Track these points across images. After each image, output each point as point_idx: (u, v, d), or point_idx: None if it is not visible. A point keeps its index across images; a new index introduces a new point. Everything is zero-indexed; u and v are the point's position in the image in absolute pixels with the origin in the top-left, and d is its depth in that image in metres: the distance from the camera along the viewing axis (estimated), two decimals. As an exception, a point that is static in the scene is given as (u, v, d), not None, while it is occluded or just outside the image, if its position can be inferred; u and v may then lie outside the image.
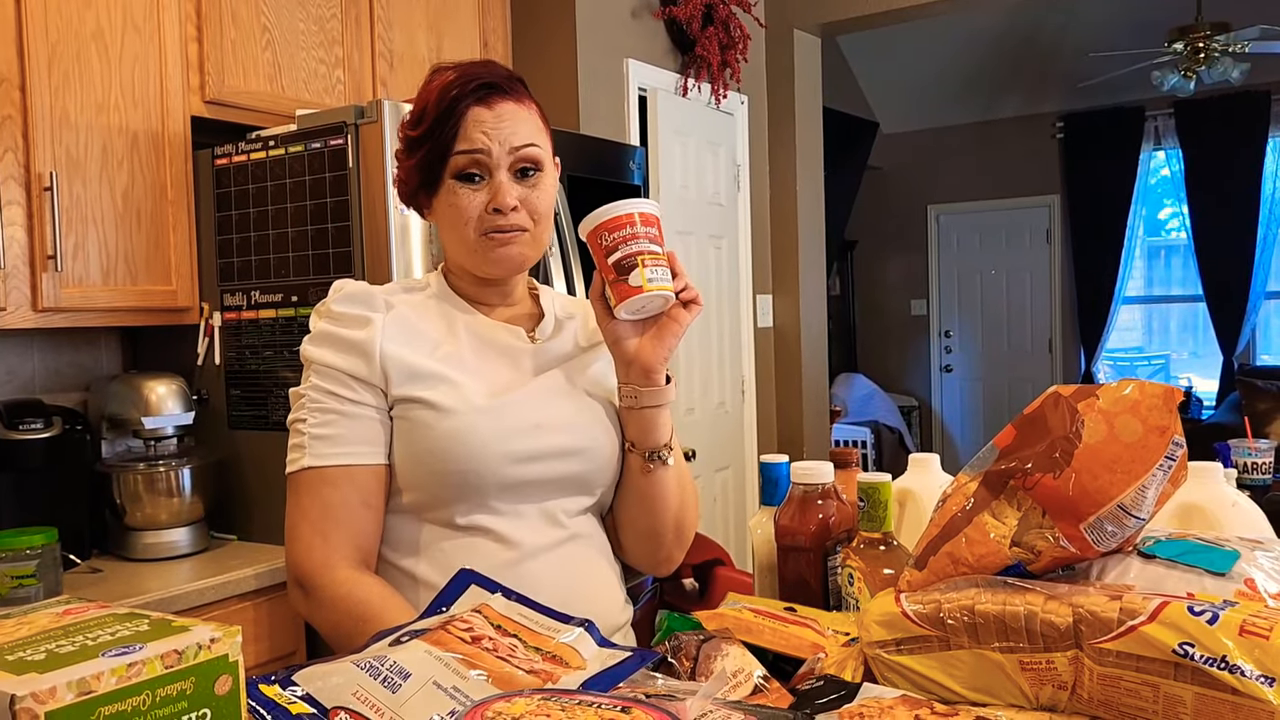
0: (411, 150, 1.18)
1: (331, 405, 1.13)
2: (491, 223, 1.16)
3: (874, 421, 6.65)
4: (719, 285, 3.71)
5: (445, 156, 1.15)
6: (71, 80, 2.02)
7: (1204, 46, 5.11)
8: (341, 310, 1.16)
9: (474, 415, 1.13)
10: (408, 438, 1.13)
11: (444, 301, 1.23)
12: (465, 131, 1.15)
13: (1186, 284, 6.87)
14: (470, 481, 1.12)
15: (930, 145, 7.36)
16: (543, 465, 1.16)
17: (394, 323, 1.16)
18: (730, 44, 3.64)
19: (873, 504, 1.15)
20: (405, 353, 1.14)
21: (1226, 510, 1.08)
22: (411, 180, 1.19)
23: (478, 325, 1.21)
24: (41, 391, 2.26)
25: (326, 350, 1.15)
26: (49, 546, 1.85)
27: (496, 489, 1.13)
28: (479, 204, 1.16)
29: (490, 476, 1.12)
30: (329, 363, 1.14)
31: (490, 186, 1.16)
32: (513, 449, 1.13)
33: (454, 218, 1.17)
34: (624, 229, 1.10)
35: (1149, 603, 0.77)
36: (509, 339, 1.22)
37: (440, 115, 1.15)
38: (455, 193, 1.16)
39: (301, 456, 1.13)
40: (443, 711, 0.73)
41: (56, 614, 0.66)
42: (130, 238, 2.13)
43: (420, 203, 1.22)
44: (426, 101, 1.16)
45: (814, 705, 0.84)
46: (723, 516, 3.69)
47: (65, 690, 0.54)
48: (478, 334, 1.20)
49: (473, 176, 1.16)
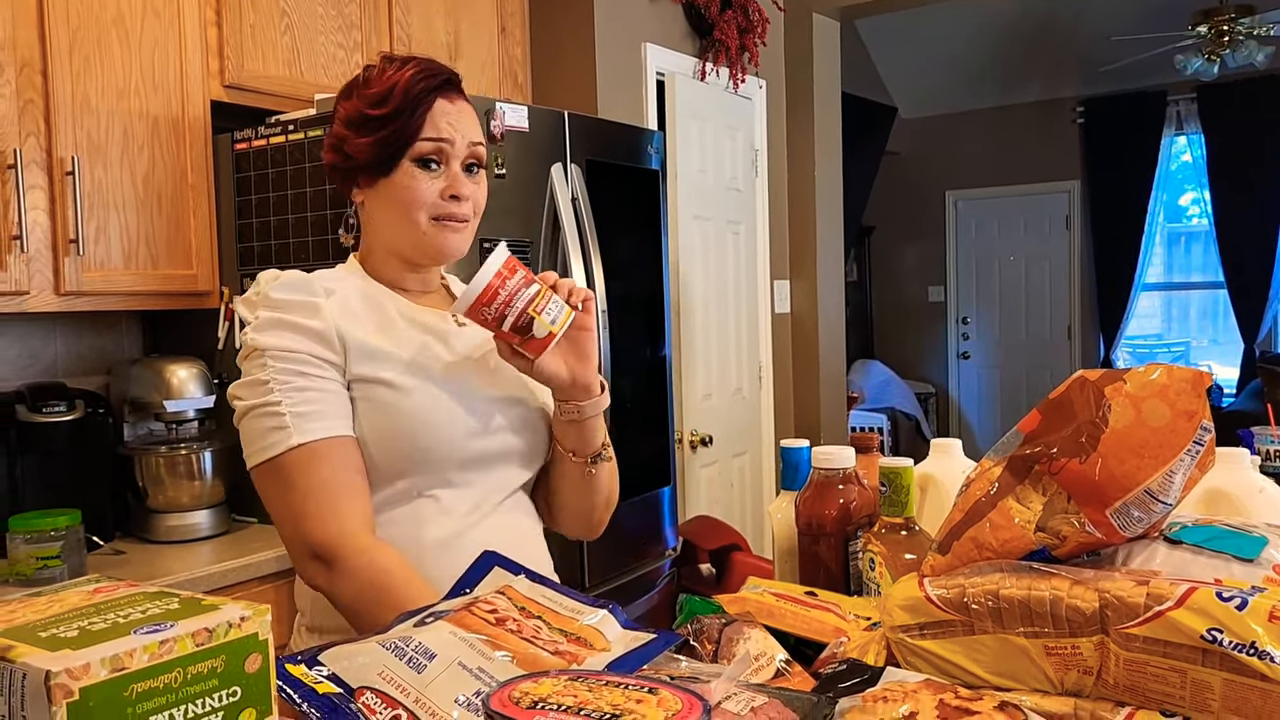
0: (369, 129, 1.19)
1: (303, 384, 1.13)
2: (445, 209, 1.20)
3: (891, 408, 6.63)
4: (736, 271, 3.69)
5: (409, 141, 1.18)
6: (93, 65, 2.03)
7: (1228, 29, 5.04)
8: (285, 297, 1.17)
9: (430, 393, 1.17)
10: (370, 417, 1.16)
11: (368, 288, 1.24)
12: (432, 120, 1.19)
13: (1207, 270, 6.80)
14: (432, 457, 1.17)
15: (949, 130, 7.31)
16: (497, 439, 1.22)
17: (338, 304, 1.18)
18: (749, 28, 3.62)
19: (895, 489, 1.15)
20: (356, 331, 1.17)
21: (1253, 496, 1.07)
22: (362, 157, 1.20)
23: (405, 309, 1.24)
24: (64, 375, 2.28)
25: (281, 334, 1.15)
26: (73, 528, 1.87)
27: (456, 463, 1.18)
28: (434, 190, 1.19)
29: (452, 451, 1.17)
30: (288, 347, 1.14)
31: (446, 175, 1.20)
32: (470, 425, 1.19)
33: (406, 200, 1.19)
34: (498, 295, 1.09)
35: (1176, 588, 0.77)
36: (436, 321, 1.25)
37: (409, 101, 1.18)
38: (413, 176, 1.19)
39: (287, 437, 1.12)
40: (468, 692, 0.73)
41: (87, 592, 0.67)
42: (151, 222, 2.14)
43: (359, 182, 1.23)
44: (393, 85, 1.18)
45: (836, 689, 0.84)
46: (739, 502, 3.69)
47: (99, 667, 0.55)
48: (409, 317, 1.23)
49: (430, 163, 1.19)
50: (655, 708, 0.59)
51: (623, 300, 2.56)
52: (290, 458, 1.12)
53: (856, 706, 0.79)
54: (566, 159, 2.41)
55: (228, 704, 0.60)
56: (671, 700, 0.60)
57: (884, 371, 7.05)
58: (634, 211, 2.74)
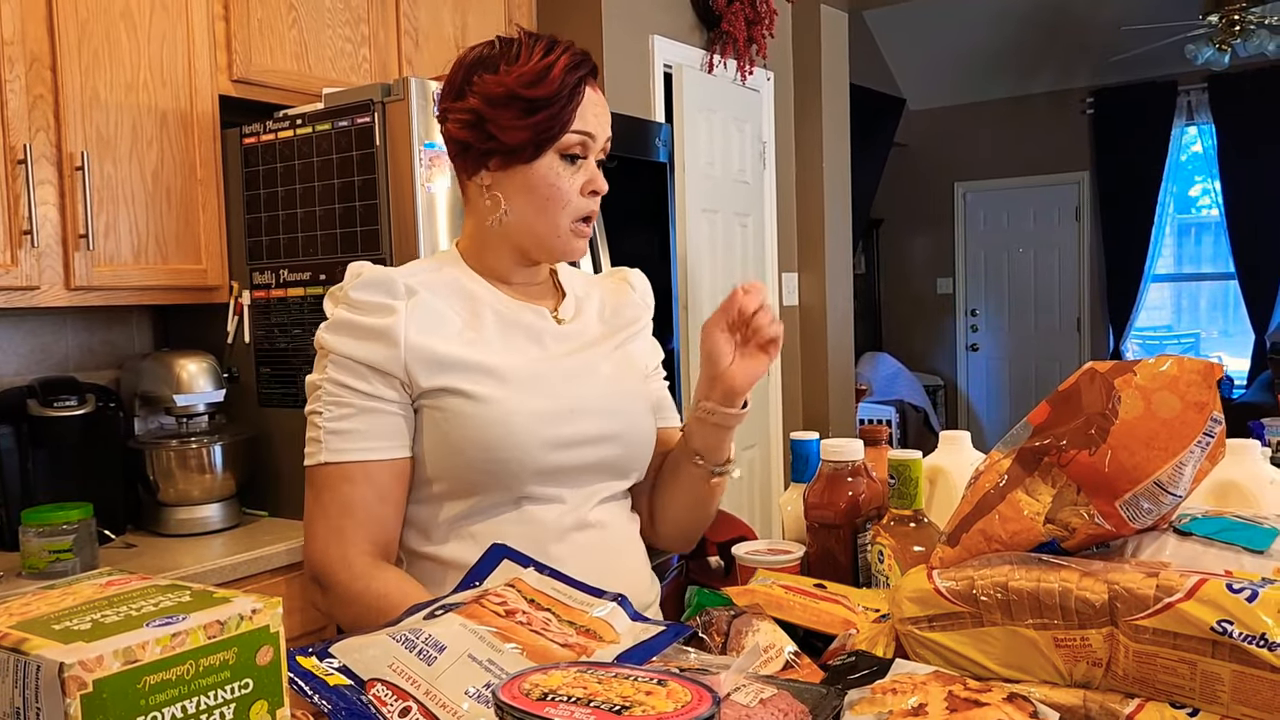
0: (522, 110, 1.11)
1: (348, 399, 1.10)
2: (587, 207, 1.16)
3: (899, 400, 6.62)
4: (744, 263, 3.69)
5: (561, 130, 1.12)
6: (101, 59, 2.03)
7: (1240, 19, 5.01)
8: (362, 298, 1.11)
9: (510, 402, 1.10)
10: (442, 428, 1.10)
11: (465, 280, 1.18)
12: (582, 112, 1.13)
13: (1217, 262, 6.77)
14: (510, 469, 1.10)
15: (957, 121, 7.28)
16: (580, 451, 1.15)
17: (417, 309, 1.11)
18: (756, 19, 3.61)
19: (903, 481, 1.15)
20: (432, 341, 1.11)
21: (1264, 488, 1.06)
22: (511, 139, 1.12)
23: (502, 305, 1.18)
24: (75, 369, 2.29)
25: (346, 339, 1.11)
26: (85, 521, 1.88)
27: (534, 475, 1.12)
28: (577, 185, 1.15)
29: (529, 464, 1.11)
30: (348, 353, 1.10)
31: (586, 169, 1.16)
32: (550, 435, 1.12)
33: (549, 195, 1.14)
34: None
35: (1186, 580, 0.77)
36: (534, 319, 1.19)
37: (565, 87, 1.11)
38: (556, 171, 1.13)
39: (318, 451, 1.10)
40: (478, 684, 0.74)
41: (100, 585, 0.67)
42: (160, 216, 2.15)
43: (492, 164, 1.15)
44: (549, 67, 1.11)
45: (846, 680, 0.84)
46: (749, 494, 3.69)
47: (112, 659, 0.55)
48: (502, 315, 1.17)
49: (574, 158, 1.15)
50: (665, 699, 0.59)
51: (631, 293, 2.56)
52: (318, 473, 1.11)
53: (865, 698, 0.79)
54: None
55: (239, 696, 0.60)
56: (681, 692, 0.60)
57: (892, 364, 7.03)
58: (642, 204, 2.73)
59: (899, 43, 6.84)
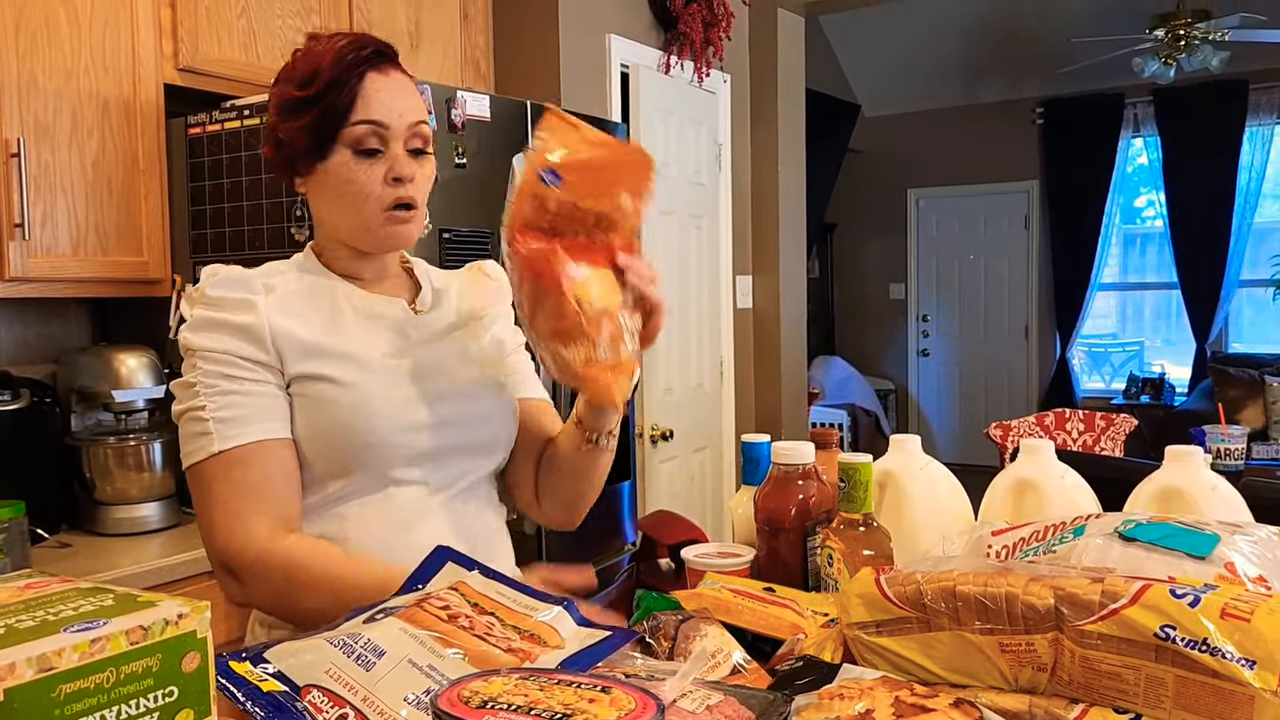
0: (298, 112, 1.12)
1: (229, 387, 1.10)
2: (391, 195, 1.13)
3: (851, 404, 6.67)
4: (699, 265, 3.69)
5: (341, 122, 1.11)
6: (40, 44, 1.97)
7: (1185, 34, 5.13)
8: (219, 295, 1.12)
9: (371, 388, 1.13)
10: (310, 414, 1.12)
11: (319, 278, 1.19)
12: (364, 98, 1.12)
13: (1161, 271, 6.92)
14: (374, 453, 1.13)
15: (911, 129, 7.36)
16: (443, 433, 1.17)
17: (276, 302, 1.13)
18: (713, 21, 3.60)
19: (853, 485, 1.15)
20: (295, 328, 1.12)
21: (1206, 494, 1.08)
22: (298, 144, 1.13)
23: (358, 299, 1.19)
24: (9, 363, 2.22)
25: (212, 336, 1.11)
26: (16, 520, 1.82)
27: (401, 459, 1.14)
28: (377, 176, 1.13)
29: (394, 447, 1.13)
30: (216, 348, 1.10)
31: (387, 158, 1.14)
32: (414, 419, 1.14)
33: (349, 192, 1.14)
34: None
35: (1131, 585, 0.77)
36: (392, 310, 1.21)
37: (336, 78, 1.11)
38: (351, 168, 1.13)
39: (210, 443, 1.09)
40: (418, 690, 0.72)
41: (17, 588, 0.64)
42: (101, 207, 2.09)
43: (299, 169, 1.17)
44: (318, 63, 1.11)
45: (793, 686, 0.83)
46: (700, 497, 3.69)
47: (25, 666, 0.52)
48: (359, 307, 1.18)
49: (370, 152, 1.13)
50: (608, 707, 0.58)
51: (584, 293, 2.54)
52: (209, 465, 1.09)
53: (813, 704, 0.78)
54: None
55: (163, 704, 0.58)
56: (625, 699, 0.59)
57: (844, 368, 7.09)
58: (596, 204, 2.72)
59: (854, 49, 6.90)
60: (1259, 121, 6.31)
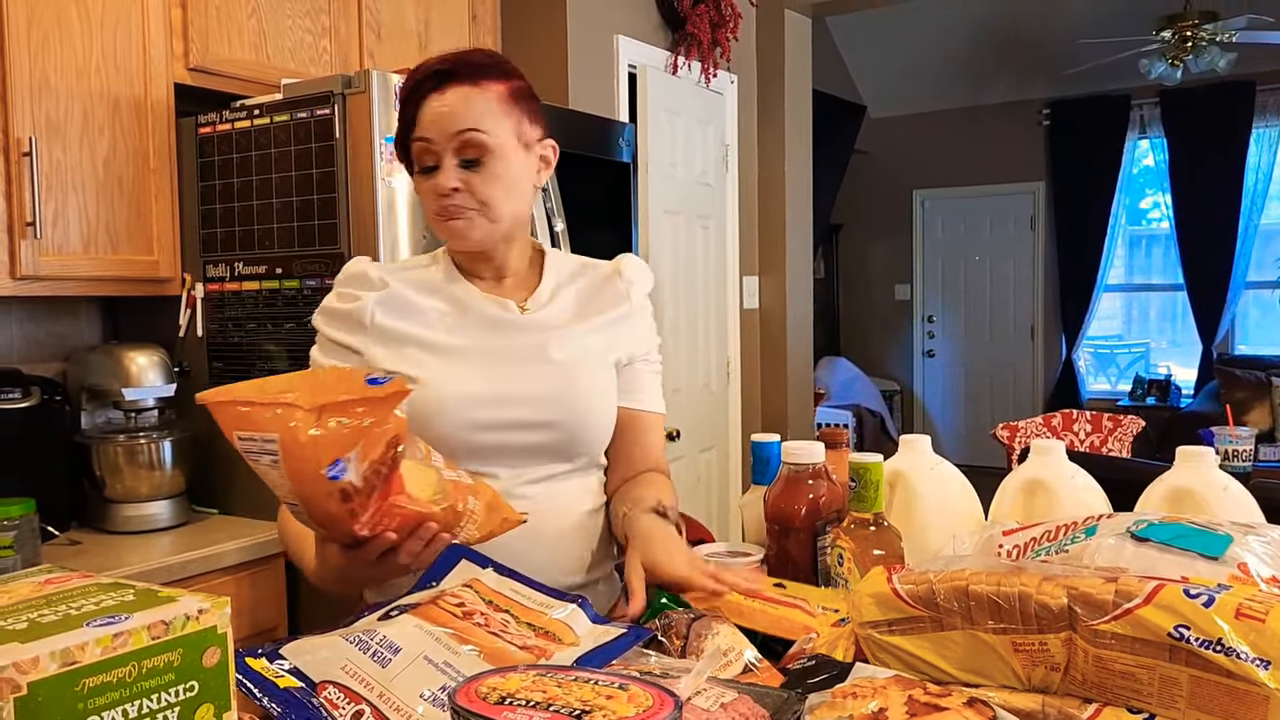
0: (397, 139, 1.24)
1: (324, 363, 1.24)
2: (439, 204, 1.21)
3: (856, 405, 6.66)
4: (706, 266, 3.69)
5: (408, 144, 1.21)
6: (51, 43, 1.98)
7: (1192, 35, 5.11)
8: (341, 288, 1.26)
9: (444, 385, 1.20)
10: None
11: (443, 275, 1.28)
12: (420, 119, 1.20)
13: (1167, 273, 6.90)
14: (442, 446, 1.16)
15: (917, 130, 7.35)
16: (508, 434, 1.21)
17: (386, 299, 1.23)
18: (721, 22, 3.61)
19: (864, 484, 1.15)
20: (397, 325, 1.22)
21: (1218, 495, 1.08)
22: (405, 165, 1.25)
23: (468, 297, 1.26)
24: (20, 361, 2.22)
25: (325, 323, 1.26)
26: (27, 517, 1.82)
27: (463, 453, 1.18)
28: (430, 190, 1.21)
29: (456, 442, 1.18)
30: (327, 335, 1.25)
31: (440, 172, 1.20)
32: (475, 418, 1.20)
33: (424, 206, 1.24)
34: None
35: (1145, 585, 0.77)
36: (496, 310, 1.25)
37: (404, 102, 1.21)
38: (419, 184, 1.23)
39: None
40: (433, 686, 0.72)
41: (38, 583, 0.65)
42: (111, 206, 2.09)
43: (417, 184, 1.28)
44: (402, 93, 1.22)
45: (806, 685, 0.83)
46: (706, 497, 3.69)
47: (49, 660, 0.53)
48: (465, 305, 1.25)
49: (427, 170, 1.20)
50: (626, 704, 0.58)
51: (592, 293, 2.54)
52: None
53: (826, 702, 0.79)
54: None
55: (184, 699, 0.58)
56: (643, 696, 0.59)
57: (850, 369, 7.08)
58: (605, 204, 2.72)
59: (861, 50, 6.90)
60: (1266, 123, 6.29)
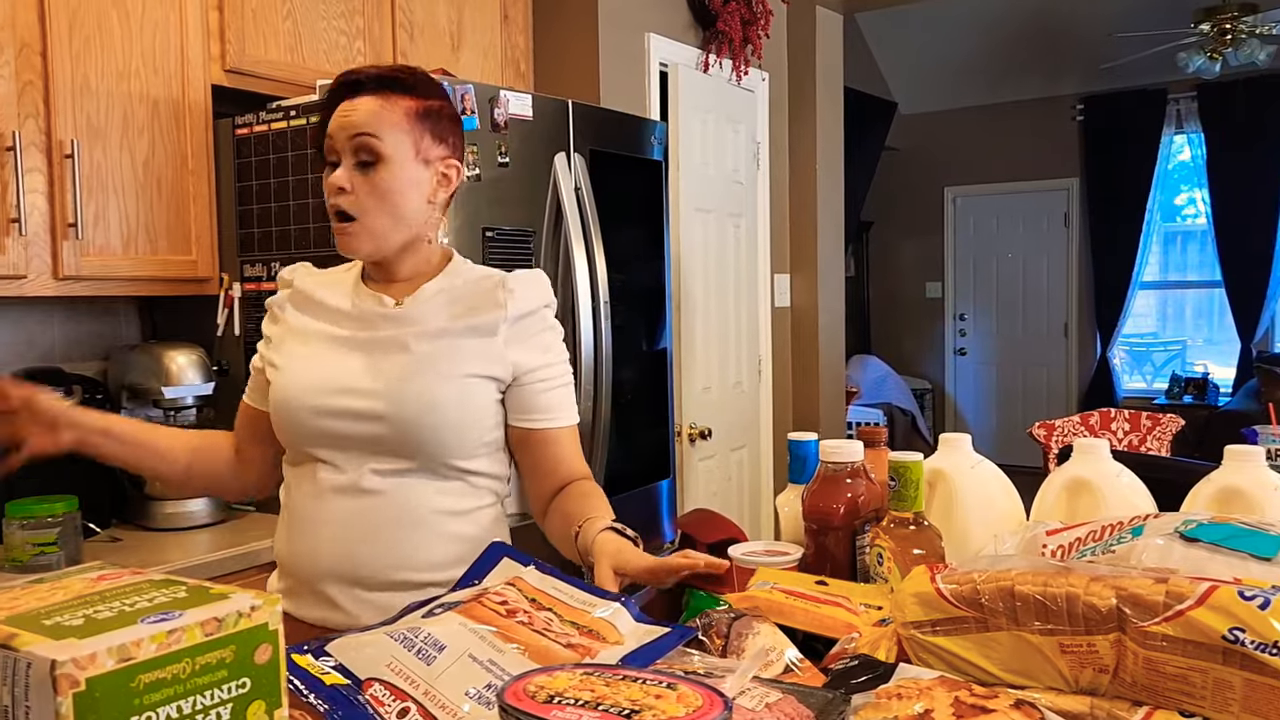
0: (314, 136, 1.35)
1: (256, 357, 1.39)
2: (331, 203, 1.25)
3: (888, 403, 6.62)
4: (737, 264, 3.68)
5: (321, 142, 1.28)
6: (92, 46, 2.00)
7: (1231, 27, 5.03)
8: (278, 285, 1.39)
9: (293, 373, 1.28)
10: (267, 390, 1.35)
11: (345, 275, 1.35)
12: (332, 120, 1.26)
13: (1204, 270, 6.80)
14: (290, 431, 1.29)
15: (948, 126, 7.29)
16: (339, 423, 1.25)
17: (294, 296, 1.35)
18: (752, 20, 3.59)
19: (904, 483, 1.14)
20: (297, 319, 1.33)
21: (1269, 494, 1.06)
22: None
23: (357, 293, 1.32)
24: (61, 360, 2.26)
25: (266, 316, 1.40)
26: (70, 515, 1.85)
27: (311, 438, 1.27)
28: (327, 185, 1.26)
29: (300, 426, 1.27)
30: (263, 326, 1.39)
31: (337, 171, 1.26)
32: (314, 404, 1.26)
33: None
34: None
35: (1197, 586, 0.76)
36: (371, 305, 1.30)
37: (324, 104, 1.28)
38: (324, 178, 1.27)
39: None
40: (479, 684, 0.72)
41: (91, 579, 0.66)
42: (150, 207, 2.12)
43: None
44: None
45: (849, 685, 0.83)
46: (738, 495, 3.68)
47: (105, 656, 0.53)
48: (353, 301, 1.31)
49: (331, 164, 1.25)
50: (675, 703, 0.58)
51: (624, 292, 2.54)
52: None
53: (870, 703, 0.78)
54: (570, 148, 2.40)
55: (236, 695, 0.59)
56: (692, 696, 0.59)
57: (881, 367, 7.04)
58: (636, 202, 2.72)
59: (891, 46, 6.85)
60: (1306, 116, 6.19)
